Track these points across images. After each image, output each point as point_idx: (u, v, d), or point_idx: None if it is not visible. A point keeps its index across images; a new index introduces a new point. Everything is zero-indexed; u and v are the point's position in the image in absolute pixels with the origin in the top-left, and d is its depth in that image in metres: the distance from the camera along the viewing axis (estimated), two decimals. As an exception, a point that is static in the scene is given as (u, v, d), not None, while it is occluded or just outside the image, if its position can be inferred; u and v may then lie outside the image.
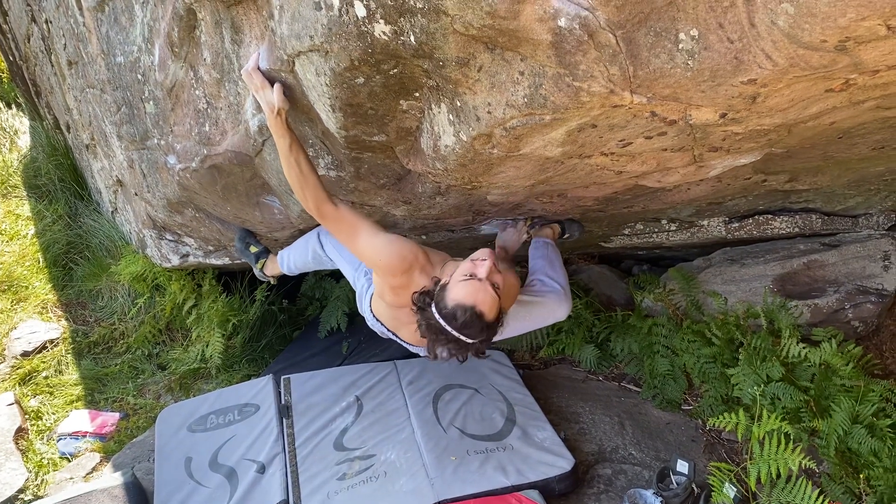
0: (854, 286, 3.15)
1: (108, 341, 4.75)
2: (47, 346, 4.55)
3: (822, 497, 2.32)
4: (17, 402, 4.00)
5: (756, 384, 2.83)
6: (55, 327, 4.71)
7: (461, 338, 1.94)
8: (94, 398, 4.25)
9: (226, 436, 3.24)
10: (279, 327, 4.92)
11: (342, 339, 4.51)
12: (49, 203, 5.83)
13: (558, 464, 2.92)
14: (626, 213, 3.06)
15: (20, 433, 3.82)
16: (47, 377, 4.34)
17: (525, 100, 1.53)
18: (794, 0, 1.11)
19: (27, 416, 3.98)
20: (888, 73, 1.30)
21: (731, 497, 2.55)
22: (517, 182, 2.21)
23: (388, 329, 2.43)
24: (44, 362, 4.42)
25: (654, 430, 3.26)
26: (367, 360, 4.06)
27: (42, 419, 4.00)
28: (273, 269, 3.24)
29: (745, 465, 2.53)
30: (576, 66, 1.38)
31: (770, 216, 3.23)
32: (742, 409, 2.64)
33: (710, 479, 2.58)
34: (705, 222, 3.32)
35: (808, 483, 2.41)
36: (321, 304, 5.02)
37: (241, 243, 3.34)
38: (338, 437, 3.16)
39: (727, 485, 2.55)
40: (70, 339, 4.67)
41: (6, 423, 3.81)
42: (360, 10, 1.48)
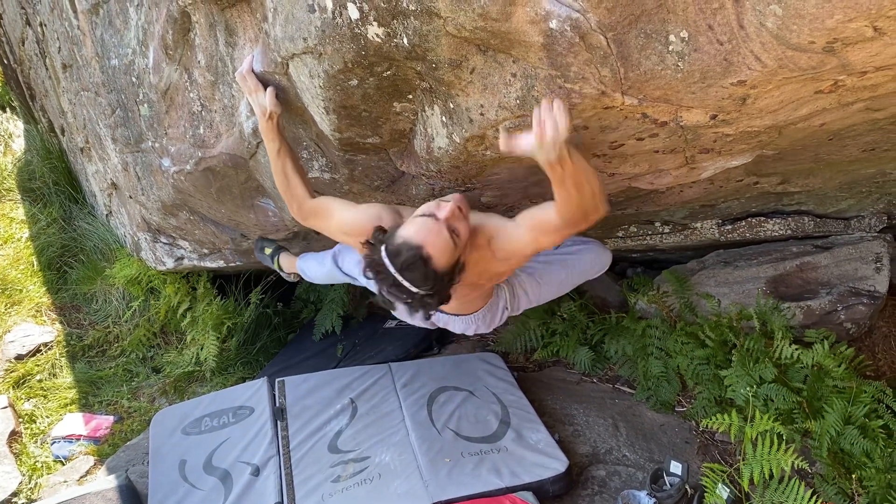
0: (846, 288, 3.16)
1: (103, 344, 4.74)
2: (41, 350, 4.54)
3: (815, 497, 2.33)
4: (11, 406, 3.99)
5: (749, 385, 2.84)
6: (49, 331, 4.70)
7: (402, 281, 1.70)
8: (88, 401, 4.24)
9: (220, 438, 3.24)
10: (274, 330, 4.92)
11: (337, 342, 4.51)
12: (43, 206, 5.82)
13: (552, 465, 2.92)
14: (619, 216, 3.07)
15: (14, 436, 3.80)
16: (41, 380, 4.32)
17: (517, 101, 1.55)
18: (782, 2, 1.12)
19: (21, 420, 3.97)
20: (876, 74, 1.31)
21: (724, 498, 2.56)
22: (510, 184, 2.22)
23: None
24: (38, 366, 4.41)
25: (648, 431, 3.27)
26: (361, 362, 4.07)
27: (36, 422, 3.99)
28: (289, 264, 3.19)
29: (738, 465, 2.54)
30: (567, 67, 1.39)
31: (763, 218, 3.25)
32: (735, 411, 2.65)
33: (704, 480, 2.58)
34: (698, 225, 3.33)
35: (801, 483, 2.41)
36: (316, 307, 5.02)
37: (260, 253, 3.32)
38: (332, 439, 3.15)
39: (720, 485, 2.56)
40: (64, 343, 4.65)
41: (0, 426, 3.80)
42: (353, 12, 1.49)
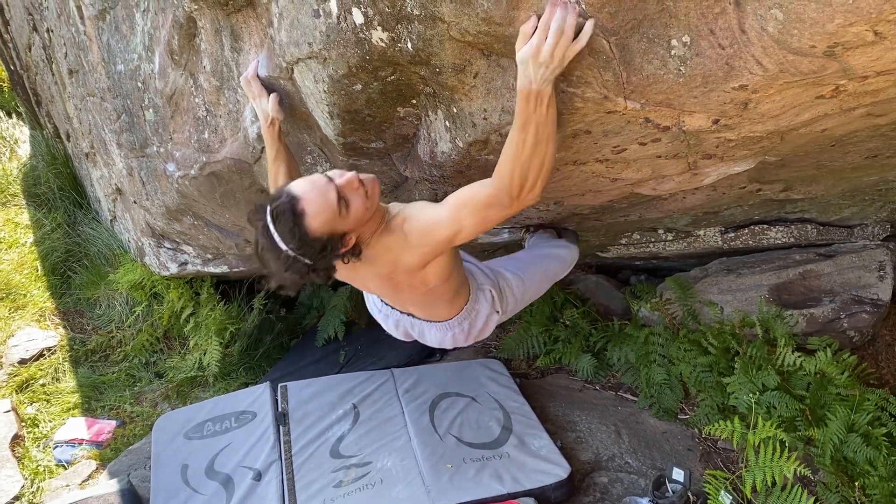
0: (849, 296, 3.16)
1: (106, 349, 4.74)
2: (45, 354, 4.55)
3: (818, 505, 2.33)
4: (14, 410, 3.99)
5: (752, 393, 2.84)
6: (53, 335, 4.71)
7: (270, 229, 1.65)
8: (90, 406, 4.24)
9: (222, 443, 3.24)
10: (277, 336, 4.91)
11: (339, 348, 4.51)
12: (48, 211, 5.84)
13: (554, 472, 2.91)
14: (622, 223, 3.08)
15: (16, 440, 3.81)
16: (44, 385, 4.33)
17: (520, 106, 1.55)
18: (783, 6, 1.13)
19: (24, 424, 3.97)
20: (877, 79, 1.32)
21: (727, 505, 2.55)
22: (513, 189, 2.22)
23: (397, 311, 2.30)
24: (41, 370, 4.42)
25: (651, 438, 3.26)
26: (364, 368, 4.07)
27: (39, 426, 3.99)
28: None
29: (741, 473, 2.53)
30: (570, 71, 1.40)
31: (766, 226, 3.25)
32: (738, 418, 2.64)
33: (706, 487, 2.57)
34: (702, 232, 3.34)
35: (804, 491, 2.41)
36: (319, 312, 5.02)
37: None
38: (334, 444, 3.15)
39: (723, 493, 2.55)
40: (67, 347, 4.66)
41: (2, 430, 3.81)
42: (357, 17, 1.50)
